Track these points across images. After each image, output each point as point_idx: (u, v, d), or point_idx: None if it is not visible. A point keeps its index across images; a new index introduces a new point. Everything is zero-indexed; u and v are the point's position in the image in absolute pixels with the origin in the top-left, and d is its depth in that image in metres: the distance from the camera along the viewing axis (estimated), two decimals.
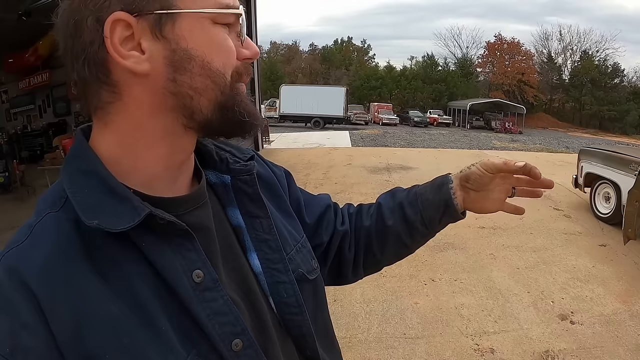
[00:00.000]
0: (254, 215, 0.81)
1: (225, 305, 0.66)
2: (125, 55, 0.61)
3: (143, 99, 0.64)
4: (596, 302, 4.64)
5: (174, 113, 0.65)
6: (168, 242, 0.64)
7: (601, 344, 3.83)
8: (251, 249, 0.80)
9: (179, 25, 0.62)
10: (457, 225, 4.25)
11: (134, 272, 0.61)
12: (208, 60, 0.63)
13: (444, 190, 1.00)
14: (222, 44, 0.65)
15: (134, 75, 0.62)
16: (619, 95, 50.51)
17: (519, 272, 5.34)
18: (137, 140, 0.66)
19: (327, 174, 11.54)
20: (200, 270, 0.65)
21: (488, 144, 23.03)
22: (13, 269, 0.56)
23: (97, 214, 0.59)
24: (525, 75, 52.57)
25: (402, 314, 4.29)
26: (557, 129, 47.59)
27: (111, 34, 0.59)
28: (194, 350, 0.62)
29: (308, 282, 0.87)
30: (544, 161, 15.37)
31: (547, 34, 58.45)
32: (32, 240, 0.59)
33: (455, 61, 59.88)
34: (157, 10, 0.61)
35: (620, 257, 5.86)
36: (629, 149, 8.49)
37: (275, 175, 0.96)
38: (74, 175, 0.64)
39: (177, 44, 0.62)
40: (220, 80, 0.65)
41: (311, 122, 33.12)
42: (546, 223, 7.41)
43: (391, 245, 1.05)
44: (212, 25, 0.64)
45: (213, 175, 0.81)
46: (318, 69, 62.34)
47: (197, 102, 0.64)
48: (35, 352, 0.53)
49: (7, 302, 0.55)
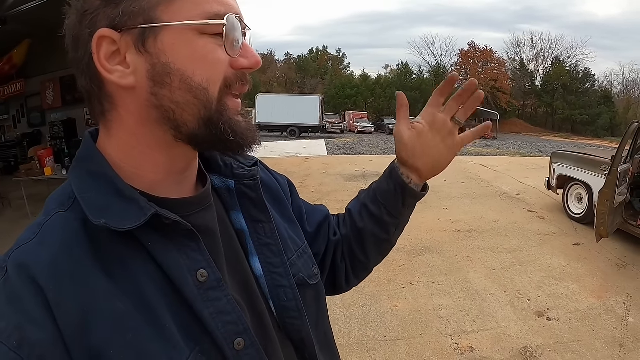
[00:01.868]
0: (256, 219, 0.82)
1: (229, 305, 0.67)
2: (111, 70, 0.62)
3: (133, 110, 0.65)
4: (572, 298, 4.73)
5: (161, 125, 0.66)
6: (173, 241, 0.65)
7: (578, 339, 3.91)
8: (253, 253, 0.81)
9: (161, 39, 0.62)
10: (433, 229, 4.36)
11: (139, 270, 0.62)
12: (189, 75, 0.63)
13: (394, 175, 0.99)
14: (207, 57, 0.64)
15: (122, 89, 0.64)
16: (590, 99, 51.67)
17: (495, 272, 5.42)
18: (133, 147, 0.67)
19: (304, 182, 11.54)
20: (204, 270, 0.66)
21: (462, 150, 22.95)
22: (22, 265, 0.57)
23: (105, 213, 0.61)
24: (499, 82, 53.41)
25: (382, 317, 4.31)
26: (530, 133, 48.41)
27: (98, 50, 0.61)
28: (197, 348, 0.63)
29: (309, 287, 0.88)
30: (517, 165, 15.65)
31: (520, 41, 59.63)
32: (40, 238, 0.60)
33: (430, 69, 60.62)
34: (141, 24, 0.61)
35: (594, 254, 6.00)
36: (599, 151, 8.72)
37: (279, 183, 0.98)
38: (82, 176, 0.66)
39: (157, 58, 0.62)
40: (202, 96, 0.64)
41: (287, 132, 33.12)
42: (521, 225, 7.55)
43: (371, 245, 1.04)
44: (198, 37, 0.63)
45: (218, 180, 0.82)
46: (293, 78, 62.53)
47: (180, 116, 0.64)
48: (42, 345, 0.54)
49: (15, 297, 0.56)
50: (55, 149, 9.75)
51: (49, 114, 12.05)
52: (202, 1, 0.63)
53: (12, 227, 6.50)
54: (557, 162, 8.35)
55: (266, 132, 33.03)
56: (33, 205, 7.91)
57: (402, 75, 59.50)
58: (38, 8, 8.60)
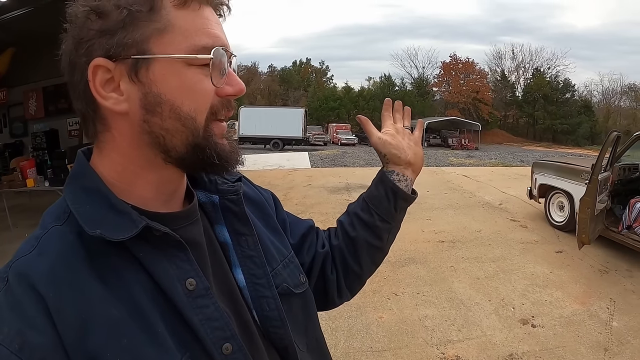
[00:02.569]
0: (240, 232, 0.85)
1: (216, 312, 0.70)
2: (106, 96, 0.66)
3: (126, 134, 0.69)
4: (555, 305, 4.77)
5: (152, 149, 0.69)
6: (163, 252, 0.68)
7: (563, 344, 3.93)
8: (236, 264, 0.83)
9: (153, 69, 0.65)
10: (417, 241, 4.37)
11: (132, 279, 0.65)
12: (178, 104, 0.66)
13: (385, 180, 1.07)
14: (194, 87, 0.67)
15: (116, 113, 0.68)
16: (571, 109, 52.76)
17: (480, 282, 5.44)
18: (125, 167, 0.70)
19: (288, 195, 11.53)
20: (193, 279, 0.69)
21: (445, 161, 23.45)
22: (22, 275, 0.61)
23: (99, 225, 0.64)
24: (480, 93, 54.25)
25: (368, 329, 4.29)
26: (512, 143, 49.10)
27: (93, 77, 0.65)
28: (187, 353, 0.66)
29: (295, 296, 0.90)
30: (499, 175, 15.82)
31: (500, 53, 60.76)
32: (39, 250, 0.64)
33: (412, 81, 61.52)
34: (134, 55, 0.65)
35: (577, 261, 6.07)
36: (579, 160, 8.87)
37: (263, 197, 1.01)
38: (76, 192, 0.69)
39: (149, 88, 0.66)
40: (190, 124, 0.68)
41: (270, 144, 33.18)
42: (504, 234, 7.61)
43: (364, 254, 1.07)
44: (186, 68, 0.67)
45: (202, 195, 0.85)
46: (277, 90, 62.72)
47: (169, 141, 0.68)
48: (42, 349, 0.57)
49: (16, 304, 0.59)
50: (38, 160, 9.67)
51: (31, 125, 11.84)
52: (191, 34, 0.67)
53: None
54: (539, 172, 8.46)
55: (249, 145, 33.12)
56: (15, 217, 7.78)
57: (385, 87, 60.09)
58: (23, 17, 8.55)
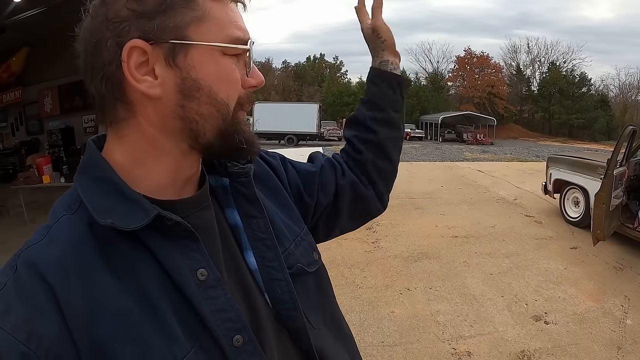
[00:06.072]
0: (250, 215, 0.84)
1: (228, 303, 0.70)
2: (140, 79, 0.66)
3: (154, 119, 0.69)
4: (569, 302, 4.74)
5: (181, 134, 0.70)
6: (175, 242, 0.68)
7: (575, 342, 3.91)
8: (247, 247, 0.83)
9: (191, 55, 0.66)
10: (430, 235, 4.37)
11: (143, 269, 0.65)
12: (215, 91, 0.68)
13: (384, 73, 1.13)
14: (229, 76, 0.70)
15: (146, 98, 0.67)
16: (587, 103, 51.71)
17: (493, 277, 5.42)
18: (147, 153, 0.71)
19: None
20: (204, 269, 0.69)
21: (459, 156, 23.32)
22: (31, 263, 0.61)
23: (110, 214, 0.64)
24: (495, 88, 53.47)
25: (380, 323, 4.30)
26: (527, 138, 48.45)
27: (128, 59, 0.64)
28: (197, 344, 0.66)
29: (309, 274, 0.90)
30: (514, 170, 15.67)
31: (516, 46, 59.64)
32: (49, 239, 0.64)
33: (427, 76, 60.64)
34: (172, 39, 0.65)
35: (591, 258, 6.02)
36: (595, 154, 8.74)
37: (272, 167, 1.00)
38: (87, 181, 0.69)
39: (187, 73, 0.67)
40: (223, 109, 0.70)
41: (285, 139, 33.18)
42: (518, 230, 7.55)
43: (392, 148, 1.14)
44: (221, 57, 0.69)
45: (212, 179, 0.85)
46: (291, 86, 62.43)
47: (202, 126, 0.69)
48: (50, 338, 0.57)
49: (25, 293, 0.59)
50: (54, 157, 9.77)
51: (47, 122, 12.03)
52: (226, 25, 0.69)
53: (10, 235, 6.46)
54: (554, 167, 8.37)
55: (264, 140, 33.05)
56: (31, 213, 7.89)
57: None
58: (37, 16, 8.65)
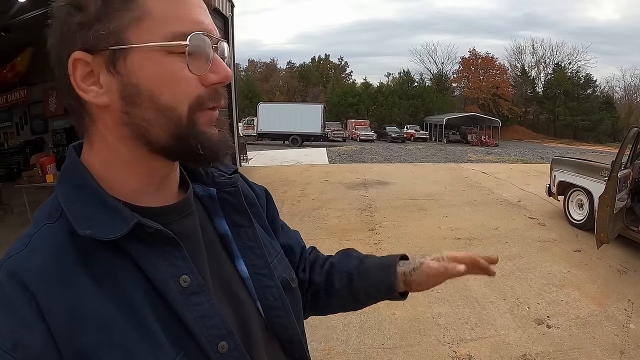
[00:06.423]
0: (239, 224, 0.85)
1: (211, 309, 0.69)
2: (86, 90, 0.65)
3: (111, 127, 0.68)
4: (572, 305, 4.71)
5: (134, 140, 0.68)
6: (156, 249, 0.67)
7: (578, 346, 3.88)
8: (238, 256, 0.83)
9: (131, 59, 0.64)
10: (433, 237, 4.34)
11: (125, 277, 0.65)
12: (157, 94, 0.65)
13: (389, 277, 1.04)
14: (173, 76, 0.65)
15: (98, 107, 0.67)
16: (592, 105, 51.56)
17: (495, 280, 5.36)
18: (113, 161, 0.70)
19: (305, 190, 11.52)
20: (187, 275, 0.69)
21: (464, 157, 23.26)
22: (13, 273, 0.61)
23: (90, 224, 0.63)
24: (500, 89, 53.46)
25: (380, 325, 4.29)
26: (532, 140, 48.40)
27: (73, 71, 0.64)
28: (182, 352, 0.65)
29: (291, 289, 0.91)
30: (518, 172, 15.62)
31: (520, 48, 59.65)
32: (30, 249, 0.64)
33: (431, 77, 60.68)
34: (111, 46, 0.63)
35: (595, 261, 5.98)
36: (599, 157, 8.69)
37: (256, 194, 0.99)
38: (68, 189, 0.68)
39: (128, 79, 0.64)
40: (170, 114, 0.66)
41: (289, 140, 33.21)
42: (521, 232, 7.52)
43: (337, 305, 1.11)
44: (165, 57, 0.64)
45: (200, 188, 0.85)
46: (295, 87, 62.64)
47: (151, 132, 0.67)
48: (35, 347, 0.57)
49: (8, 302, 0.59)
50: (58, 156, 9.90)
51: (51, 122, 12.17)
52: (170, 21, 0.64)
53: (13, 234, 6.46)
54: (558, 169, 8.34)
55: (268, 141, 33.24)
56: (34, 212, 7.87)
57: (404, 83, 59.28)
58: (41, 17, 8.66)
